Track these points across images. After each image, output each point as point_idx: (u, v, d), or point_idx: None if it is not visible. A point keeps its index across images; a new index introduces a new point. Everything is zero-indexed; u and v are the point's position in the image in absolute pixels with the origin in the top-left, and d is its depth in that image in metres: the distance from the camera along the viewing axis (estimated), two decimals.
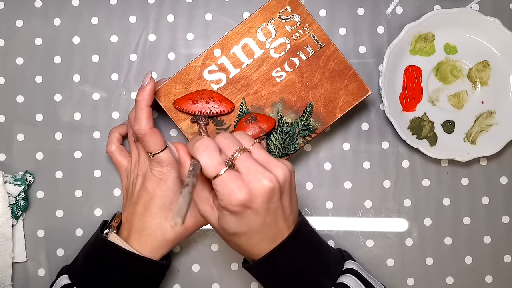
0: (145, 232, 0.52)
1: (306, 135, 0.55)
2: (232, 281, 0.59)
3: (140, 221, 0.53)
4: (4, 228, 0.57)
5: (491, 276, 0.59)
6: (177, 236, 0.53)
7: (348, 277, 0.49)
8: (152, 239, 0.52)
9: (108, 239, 0.52)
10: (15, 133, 0.60)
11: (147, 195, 0.53)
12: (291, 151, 0.55)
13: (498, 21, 0.57)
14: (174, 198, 0.53)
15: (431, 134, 0.59)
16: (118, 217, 0.56)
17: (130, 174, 0.56)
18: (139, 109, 0.52)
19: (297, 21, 0.54)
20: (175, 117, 0.54)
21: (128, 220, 0.54)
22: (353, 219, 0.60)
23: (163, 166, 0.52)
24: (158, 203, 0.53)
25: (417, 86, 0.59)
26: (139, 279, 0.52)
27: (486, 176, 0.60)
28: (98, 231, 0.53)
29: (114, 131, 0.57)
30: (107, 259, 0.52)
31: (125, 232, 0.54)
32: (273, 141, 0.54)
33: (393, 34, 0.60)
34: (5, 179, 0.58)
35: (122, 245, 0.51)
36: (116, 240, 0.52)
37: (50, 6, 0.61)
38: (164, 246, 0.53)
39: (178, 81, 0.54)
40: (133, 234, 0.53)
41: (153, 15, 0.61)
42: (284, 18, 0.54)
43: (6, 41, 0.61)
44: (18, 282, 0.59)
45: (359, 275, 0.50)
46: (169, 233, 0.53)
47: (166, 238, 0.53)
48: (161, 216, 0.53)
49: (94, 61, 0.61)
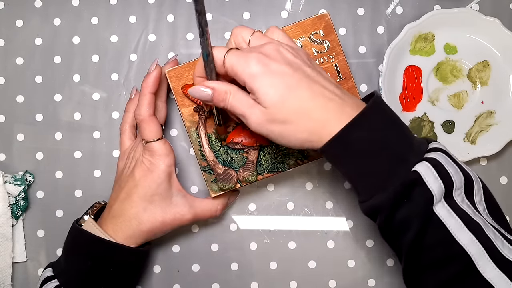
0: (122, 218, 0.52)
1: (299, 158, 0.54)
2: (232, 281, 0.59)
3: (119, 207, 0.53)
4: (4, 228, 0.57)
5: None
6: (153, 229, 0.53)
7: (437, 154, 0.44)
8: (127, 226, 0.52)
9: (82, 225, 0.52)
10: (15, 133, 0.60)
11: (132, 182, 0.53)
12: (279, 170, 0.54)
13: (498, 21, 0.57)
14: (157, 191, 0.52)
15: (431, 134, 0.59)
16: (99, 203, 0.56)
17: (127, 157, 0.56)
18: (142, 94, 0.53)
19: (326, 47, 0.54)
20: (180, 101, 0.54)
21: (110, 205, 0.54)
22: (353, 219, 0.60)
23: (153, 156, 0.52)
24: (140, 192, 0.52)
25: (417, 86, 0.59)
26: (112, 264, 0.51)
27: (486, 176, 0.60)
28: (74, 220, 0.54)
29: (131, 109, 0.57)
30: (79, 246, 0.52)
31: (104, 216, 0.54)
32: (265, 153, 0.54)
33: (393, 34, 0.60)
34: (5, 179, 0.58)
35: (95, 230, 0.51)
36: (90, 225, 0.52)
37: (50, 6, 0.61)
38: (138, 236, 0.52)
39: (194, 68, 0.54)
40: (109, 219, 0.53)
41: (153, 15, 0.61)
42: (314, 40, 0.54)
43: (6, 41, 0.61)
44: (18, 282, 0.59)
45: (447, 153, 0.45)
46: (144, 224, 0.52)
47: (141, 229, 0.52)
48: (139, 206, 0.52)
49: (94, 61, 0.61)
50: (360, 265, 0.59)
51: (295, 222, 0.60)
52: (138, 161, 0.53)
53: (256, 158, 0.54)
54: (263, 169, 0.54)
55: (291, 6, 0.61)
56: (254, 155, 0.54)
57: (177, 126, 0.60)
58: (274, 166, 0.54)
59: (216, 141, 0.54)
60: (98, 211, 0.55)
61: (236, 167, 0.54)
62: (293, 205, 0.60)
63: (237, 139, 0.53)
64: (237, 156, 0.54)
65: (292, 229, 0.60)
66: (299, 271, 0.59)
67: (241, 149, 0.54)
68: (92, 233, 0.51)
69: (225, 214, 0.60)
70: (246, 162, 0.54)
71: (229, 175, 0.54)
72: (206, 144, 0.54)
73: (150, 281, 0.59)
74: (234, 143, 0.54)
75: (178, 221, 0.53)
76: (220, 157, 0.54)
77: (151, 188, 0.52)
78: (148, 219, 0.52)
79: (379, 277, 0.59)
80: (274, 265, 0.59)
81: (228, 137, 0.54)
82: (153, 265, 0.59)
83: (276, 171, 0.54)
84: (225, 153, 0.54)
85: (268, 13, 0.61)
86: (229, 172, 0.54)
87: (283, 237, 0.60)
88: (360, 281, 0.59)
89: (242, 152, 0.54)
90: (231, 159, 0.54)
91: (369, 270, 0.59)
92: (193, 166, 0.60)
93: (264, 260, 0.59)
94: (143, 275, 0.59)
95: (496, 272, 0.41)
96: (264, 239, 0.59)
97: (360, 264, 0.59)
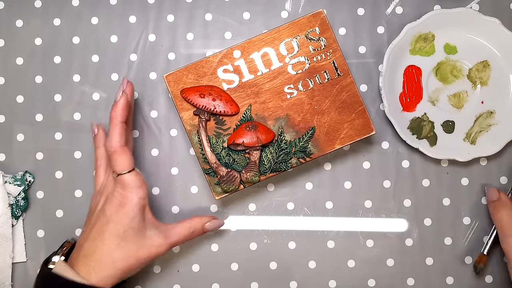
0: (94, 257, 0.49)
1: (301, 156, 0.54)
2: (232, 281, 0.59)
3: (90, 246, 0.50)
4: (4, 228, 0.57)
5: (491, 276, 0.59)
6: (128, 266, 0.50)
7: None
8: (100, 266, 0.49)
9: (52, 268, 0.50)
10: (15, 133, 0.60)
11: (103, 219, 0.50)
12: (282, 169, 0.54)
13: (498, 21, 0.57)
14: (129, 225, 0.50)
15: (431, 134, 0.59)
16: (68, 243, 0.54)
17: (98, 194, 0.54)
18: (112, 125, 0.51)
19: (322, 44, 0.54)
20: (179, 105, 0.54)
21: (80, 244, 0.51)
22: (353, 219, 0.60)
23: (125, 189, 0.50)
24: (112, 229, 0.50)
25: (417, 86, 0.59)
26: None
27: (486, 176, 0.60)
28: (44, 261, 0.52)
29: (100, 144, 0.56)
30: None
31: (74, 256, 0.51)
32: (267, 154, 0.54)
33: (393, 34, 0.60)
34: (5, 179, 0.58)
35: (67, 272, 0.49)
36: (62, 267, 0.49)
37: (50, 6, 0.61)
38: (113, 275, 0.50)
39: (192, 71, 0.54)
40: (81, 258, 0.50)
41: (153, 15, 0.61)
42: (311, 38, 0.54)
43: (6, 41, 0.61)
44: (18, 282, 0.59)
45: None
46: (118, 262, 0.50)
47: (115, 267, 0.49)
48: (112, 243, 0.50)
49: (94, 61, 0.61)
50: (360, 265, 0.59)
51: (295, 222, 0.60)
52: (109, 195, 0.51)
53: (258, 158, 0.54)
54: (266, 169, 0.54)
55: (291, 6, 0.61)
56: (256, 155, 0.54)
57: (177, 126, 0.60)
58: (276, 166, 0.54)
59: (217, 143, 0.54)
60: (69, 251, 0.53)
61: (238, 168, 0.54)
62: (293, 205, 0.60)
63: (238, 140, 0.53)
64: (239, 158, 0.54)
65: (292, 229, 0.60)
66: (299, 271, 0.59)
67: (243, 150, 0.54)
68: (64, 276, 0.48)
69: (225, 214, 0.60)
70: (249, 163, 0.54)
71: (232, 176, 0.54)
72: (208, 147, 0.54)
73: (150, 281, 0.59)
74: (236, 144, 0.54)
75: (154, 254, 0.51)
76: (222, 159, 0.54)
77: (123, 223, 0.50)
78: (122, 257, 0.50)
79: (379, 277, 0.59)
80: (274, 265, 0.59)
81: (230, 139, 0.54)
82: (153, 265, 0.59)
83: (279, 171, 0.54)
84: (227, 155, 0.54)
85: (268, 13, 0.61)
86: (232, 174, 0.54)
87: (283, 237, 0.60)
88: (360, 281, 0.59)
89: (244, 153, 0.54)
90: (233, 161, 0.54)
91: (369, 270, 0.59)
92: (193, 166, 0.60)
93: (264, 260, 0.59)
94: (143, 275, 0.59)
95: None
96: (264, 239, 0.60)
97: (360, 264, 0.59)
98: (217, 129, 0.55)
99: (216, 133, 0.54)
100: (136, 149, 0.60)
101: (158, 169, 0.60)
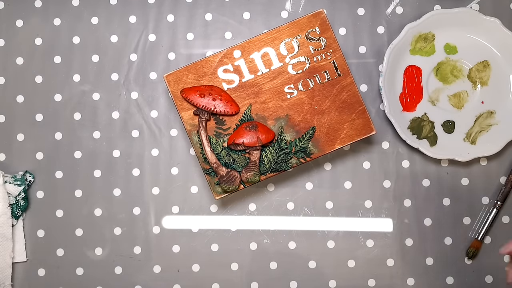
0: None
1: (301, 156, 0.55)
2: (232, 281, 0.59)
3: None
4: (4, 228, 0.57)
5: (491, 276, 0.59)
6: None
7: None
8: None
9: None
10: (15, 133, 0.60)
11: None
12: (282, 169, 0.54)
13: (498, 21, 0.57)
14: None
15: (431, 134, 0.59)
16: None
17: None
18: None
19: (323, 44, 0.54)
20: (179, 105, 0.54)
21: None
22: (353, 219, 0.60)
23: None
24: None
25: (417, 86, 0.59)
26: None
27: (486, 176, 0.60)
28: None
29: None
30: None
31: None
32: (267, 154, 0.54)
33: (393, 34, 0.60)
34: (5, 179, 0.58)
35: None
36: None
37: (50, 6, 0.61)
38: None
39: (192, 71, 0.54)
40: None
41: (153, 15, 0.61)
42: (311, 38, 0.54)
43: (6, 41, 0.61)
44: (18, 282, 0.59)
45: None
46: None
47: None
48: None
49: (94, 61, 0.61)
50: (360, 265, 0.59)
51: (295, 222, 0.60)
52: None
53: (258, 158, 0.54)
54: (266, 169, 0.54)
55: (291, 6, 0.61)
56: (256, 155, 0.54)
57: (177, 126, 0.60)
58: (276, 166, 0.54)
59: (217, 143, 0.54)
60: None
61: (238, 168, 0.54)
62: (293, 205, 0.60)
63: (238, 140, 0.53)
64: (239, 157, 0.54)
65: (292, 229, 0.60)
66: (299, 271, 0.59)
67: (243, 150, 0.54)
68: None
69: (225, 214, 0.60)
70: (249, 163, 0.54)
71: (232, 176, 0.54)
72: (208, 147, 0.54)
73: (150, 281, 0.59)
74: (236, 144, 0.54)
75: None
76: (222, 159, 0.54)
77: None
78: None
79: (379, 277, 0.59)
80: (274, 265, 0.59)
81: (230, 139, 0.54)
82: (153, 265, 0.59)
83: (279, 171, 0.54)
84: (227, 155, 0.54)
85: (268, 13, 0.61)
86: (232, 174, 0.54)
87: (283, 237, 0.60)
88: (360, 281, 0.59)
89: (244, 153, 0.54)
90: (233, 161, 0.54)
91: (369, 270, 0.59)
92: (193, 166, 0.60)
93: (264, 260, 0.59)
94: (143, 275, 0.59)
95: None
96: (264, 239, 0.60)
97: (360, 264, 0.59)
98: (217, 129, 0.55)
99: (216, 133, 0.54)
100: (136, 149, 0.60)
101: (158, 169, 0.60)
